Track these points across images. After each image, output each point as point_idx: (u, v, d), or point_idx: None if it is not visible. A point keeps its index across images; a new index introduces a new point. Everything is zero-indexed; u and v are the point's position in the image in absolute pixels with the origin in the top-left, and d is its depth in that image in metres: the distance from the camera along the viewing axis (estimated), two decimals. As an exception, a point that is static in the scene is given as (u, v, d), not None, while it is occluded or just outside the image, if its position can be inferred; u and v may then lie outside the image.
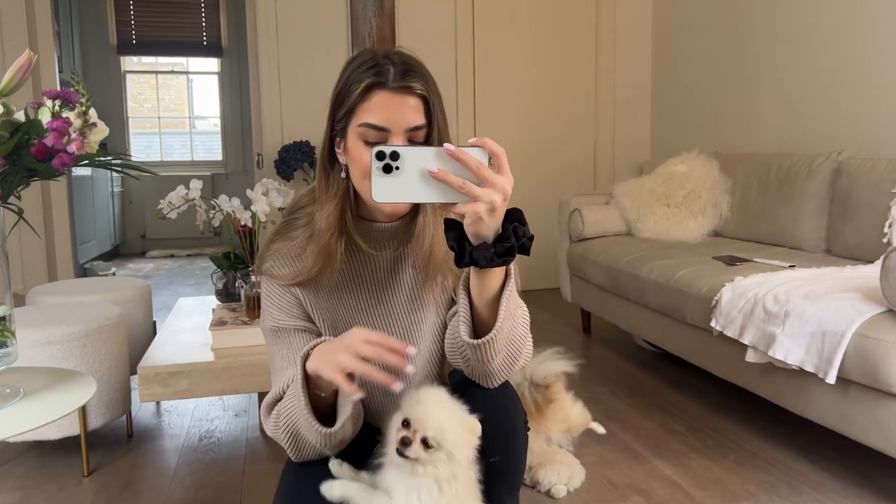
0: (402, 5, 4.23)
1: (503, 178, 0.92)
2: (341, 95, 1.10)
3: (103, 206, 6.22)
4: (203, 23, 7.25)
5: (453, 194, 0.92)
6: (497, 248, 0.96)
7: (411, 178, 0.92)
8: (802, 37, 3.29)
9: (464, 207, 0.92)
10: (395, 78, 1.06)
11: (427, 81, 1.09)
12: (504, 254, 0.96)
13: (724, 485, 1.93)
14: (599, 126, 4.64)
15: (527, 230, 0.98)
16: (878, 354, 1.69)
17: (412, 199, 0.94)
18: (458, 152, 0.91)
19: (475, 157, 0.91)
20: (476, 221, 0.93)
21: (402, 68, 1.08)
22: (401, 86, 1.06)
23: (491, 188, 0.91)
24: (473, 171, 0.91)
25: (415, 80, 1.07)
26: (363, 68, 1.09)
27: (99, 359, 2.09)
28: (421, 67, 1.11)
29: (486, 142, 0.92)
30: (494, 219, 0.93)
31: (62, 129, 0.96)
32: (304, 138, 4.05)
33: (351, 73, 1.10)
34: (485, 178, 0.91)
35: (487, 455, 1.17)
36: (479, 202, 0.91)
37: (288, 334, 1.22)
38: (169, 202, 2.54)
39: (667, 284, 2.53)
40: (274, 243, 1.24)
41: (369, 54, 1.11)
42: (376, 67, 1.07)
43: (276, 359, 1.23)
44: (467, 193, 0.91)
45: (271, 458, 2.16)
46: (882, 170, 2.53)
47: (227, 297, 2.61)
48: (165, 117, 7.65)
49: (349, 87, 1.09)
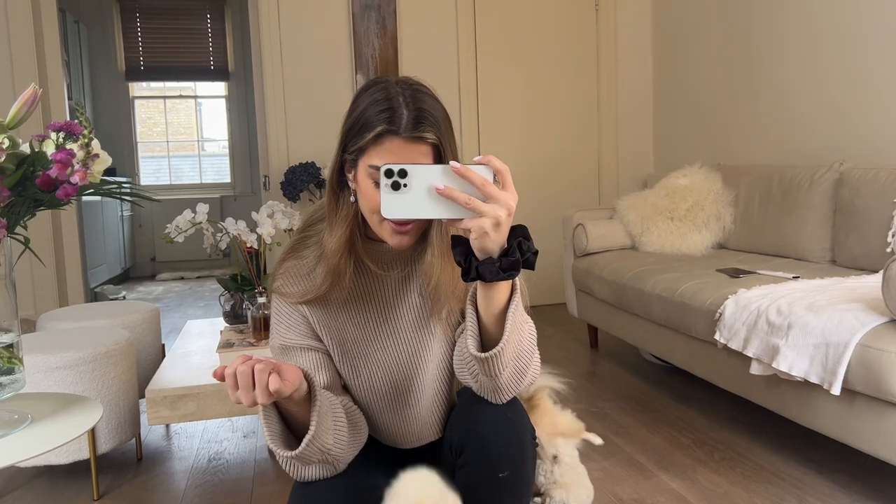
0: (404, 27, 4.28)
1: (508, 194, 0.95)
2: (354, 129, 1.11)
3: (113, 230, 6.28)
4: (210, 47, 7.35)
5: (459, 210, 0.95)
6: (502, 262, 0.98)
7: (419, 195, 0.95)
8: (802, 49, 3.31)
9: (470, 223, 0.95)
10: (408, 127, 1.07)
11: (439, 127, 1.10)
12: (509, 268, 0.98)
13: (732, 498, 1.92)
14: (603, 140, 4.66)
15: (531, 245, 1.00)
16: (882, 365, 1.69)
17: (420, 215, 0.96)
18: (464, 170, 0.94)
19: (480, 175, 0.94)
20: (482, 236, 0.95)
21: (414, 115, 1.08)
22: (413, 136, 1.08)
23: (496, 204, 0.94)
24: (479, 187, 0.94)
25: (427, 129, 1.08)
26: (377, 107, 1.09)
27: (107, 383, 2.11)
28: (434, 110, 1.11)
29: (491, 159, 0.95)
30: (500, 234, 0.96)
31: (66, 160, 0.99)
32: (310, 159, 4.09)
33: (365, 107, 1.10)
34: (490, 194, 0.94)
35: (496, 470, 1.18)
36: (485, 217, 0.94)
37: (295, 353, 1.25)
38: (176, 226, 2.57)
39: (671, 298, 2.54)
40: (286, 261, 1.27)
41: (383, 90, 1.11)
42: (390, 112, 1.08)
43: None
44: (473, 209, 0.94)
45: (279, 480, 2.17)
46: (884, 179, 2.53)
47: (235, 318, 2.64)
48: (174, 141, 7.73)
49: (361, 126, 1.10)
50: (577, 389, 2.90)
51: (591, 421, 2.53)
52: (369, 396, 1.30)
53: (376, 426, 1.34)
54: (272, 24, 4.13)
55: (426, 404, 1.32)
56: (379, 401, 1.31)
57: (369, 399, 1.30)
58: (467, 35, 4.37)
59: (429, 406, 1.32)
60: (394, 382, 1.29)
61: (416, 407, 1.31)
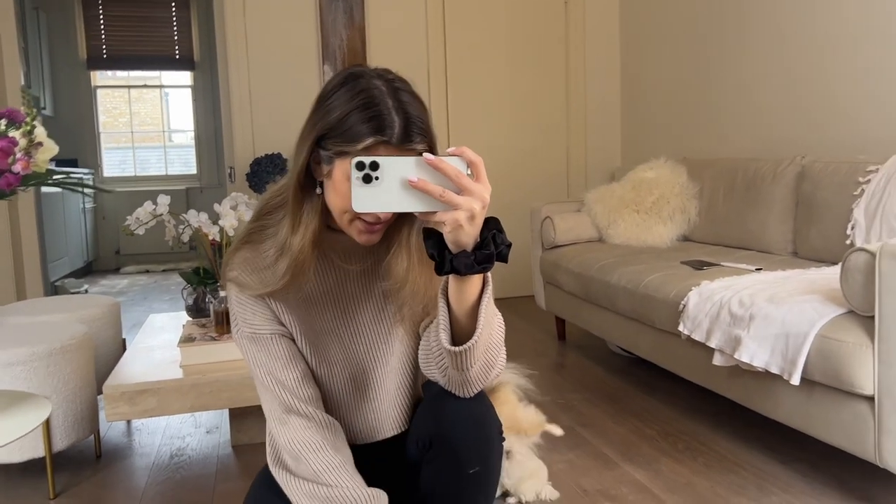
0: (372, 17, 4.24)
1: (482, 186, 0.94)
2: (336, 130, 1.05)
3: (75, 222, 6.15)
4: (175, 36, 7.22)
5: (433, 203, 0.93)
6: (477, 255, 0.97)
7: (391, 188, 0.93)
8: (767, 44, 3.34)
9: (444, 216, 0.93)
10: (399, 137, 1.04)
11: (428, 134, 1.07)
12: (484, 261, 0.98)
13: (694, 488, 1.94)
14: (571, 134, 4.67)
15: (505, 238, 1.00)
16: (840, 355, 1.71)
17: (392, 208, 0.94)
18: (437, 161, 0.92)
19: (454, 167, 0.92)
20: (456, 229, 0.94)
21: (404, 122, 1.04)
22: (403, 147, 1.04)
23: (470, 196, 0.93)
24: (453, 179, 0.92)
25: (418, 138, 1.05)
26: (365, 113, 1.04)
27: (63, 379, 2.06)
28: (422, 114, 1.07)
29: (465, 151, 0.94)
30: (474, 226, 0.95)
31: (7, 149, 0.95)
32: (276, 150, 4.03)
33: (350, 109, 1.05)
34: (464, 186, 0.92)
35: (465, 466, 1.17)
36: (459, 210, 0.93)
37: (266, 341, 1.20)
38: (136, 218, 2.51)
39: (636, 290, 2.55)
40: (240, 251, 1.21)
41: (364, 90, 1.06)
42: (379, 119, 1.03)
43: (259, 370, 1.20)
44: (447, 202, 0.92)
45: (242, 475, 2.14)
46: (844, 173, 2.57)
47: (198, 312, 2.59)
48: (141, 131, 7.59)
49: (347, 130, 1.04)
50: (544, 381, 2.90)
51: (557, 413, 2.54)
52: (328, 387, 1.28)
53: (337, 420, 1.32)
54: (237, 14, 4.06)
55: (388, 398, 1.30)
56: (338, 392, 1.28)
57: (328, 390, 1.28)
58: (436, 27, 4.34)
59: (391, 400, 1.31)
60: (353, 377, 1.27)
61: (376, 401, 1.29)
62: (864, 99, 2.85)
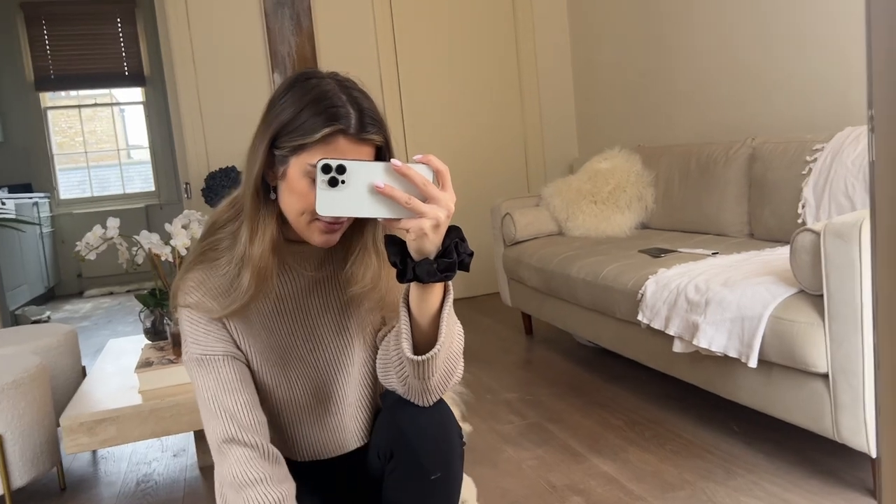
0: (320, 23, 4.20)
1: (447, 195, 0.95)
2: (290, 125, 1.05)
3: (32, 248, 6.01)
4: (123, 53, 7.08)
5: (398, 210, 0.93)
6: (439, 263, 0.98)
7: (357, 193, 0.92)
8: (712, 27, 3.38)
9: (409, 223, 0.93)
10: (356, 128, 1.04)
11: (382, 127, 1.08)
12: (446, 269, 0.98)
13: (661, 476, 1.95)
14: (528, 129, 4.68)
15: (467, 247, 1.00)
16: (793, 335, 1.74)
17: (357, 213, 0.93)
18: (405, 168, 0.92)
19: (421, 174, 0.92)
20: (420, 237, 0.95)
21: (359, 114, 1.05)
22: (361, 137, 1.05)
23: (436, 205, 0.93)
24: (419, 187, 0.92)
25: (373, 130, 1.06)
26: (320, 104, 1.04)
27: (18, 413, 2.01)
28: (376, 109, 1.08)
29: (431, 159, 0.94)
30: (438, 235, 0.95)
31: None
32: (230, 164, 3.98)
33: (303, 106, 1.04)
34: (430, 194, 0.93)
35: (428, 473, 1.16)
36: (425, 218, 0.93)
37: (216, 364, 1.17)
38: (86, 243, 2.46)
39: (595, 281, 2.56)
40: (192, 272, 1.17)
41: (317, 87, 1.06)
42: (334, 110, 1.03)
43: (205, 395, 1.16)
44: (413, 209, 0.92)
45: (209, 497, 2.11)
46: (793, 152, 2.60)
47: (156, 335, 2.55)
48: (96, 151, 7.45)
49: (303, 124, 1.04)
50: (511, 378, 2.90)
51: (525, 409, 2.54)
52: (290, 407, 1.26)
53: (297, 439, 1.30)
54: (181, 27, 4.00)
55: (350, 411, 1.29)
56: (299, 411, 1.27)
57: (290, 410, 1.26)
58: (385, 30, 4.32)
59: (352, 412, 1.29)
60: (315, 390, 1.26)
61: (337, 415, 1.28)
62: (809, 76, 2.90)
